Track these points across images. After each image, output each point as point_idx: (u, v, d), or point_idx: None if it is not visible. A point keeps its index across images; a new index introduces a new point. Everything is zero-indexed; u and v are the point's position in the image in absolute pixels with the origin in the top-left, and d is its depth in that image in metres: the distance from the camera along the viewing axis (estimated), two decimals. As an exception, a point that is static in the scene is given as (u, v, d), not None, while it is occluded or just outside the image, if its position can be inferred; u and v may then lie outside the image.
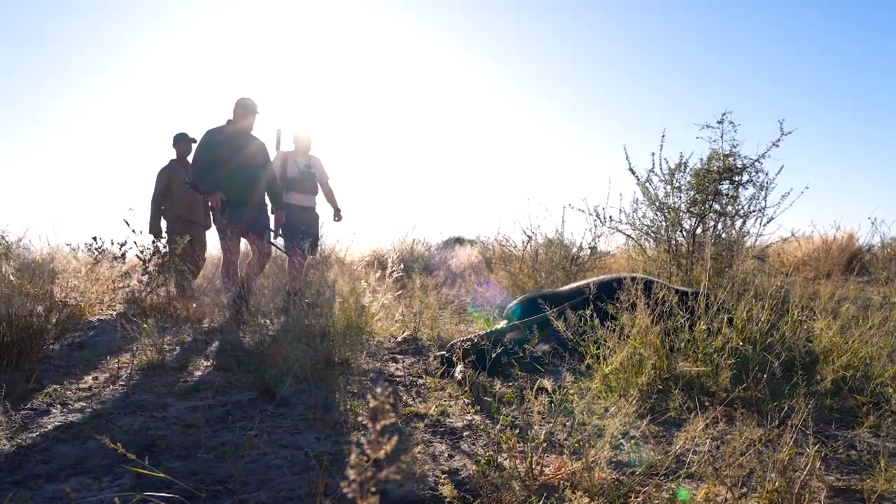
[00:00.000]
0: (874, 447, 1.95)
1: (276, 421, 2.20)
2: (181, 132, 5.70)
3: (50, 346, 3.14)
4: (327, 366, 2.85)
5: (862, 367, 2.51)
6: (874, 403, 2.31)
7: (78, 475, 1.72)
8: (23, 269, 3.10)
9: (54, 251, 5.31)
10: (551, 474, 1.68)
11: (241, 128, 4.52)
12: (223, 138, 4.47)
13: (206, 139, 4.45)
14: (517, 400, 2.40)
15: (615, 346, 2.45)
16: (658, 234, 4.87)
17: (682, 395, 2.33)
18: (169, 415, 2.26)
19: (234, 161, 4.44)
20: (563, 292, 3.26)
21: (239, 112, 4.55)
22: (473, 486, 1.68)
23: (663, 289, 2.61)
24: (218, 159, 4.38)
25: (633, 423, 2.12)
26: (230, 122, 4.57)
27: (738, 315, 2.55)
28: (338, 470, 1.76)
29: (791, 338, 2.63)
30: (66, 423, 2.15)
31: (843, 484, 1.69)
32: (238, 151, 4.48)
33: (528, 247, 5.62)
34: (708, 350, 2.42)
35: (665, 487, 1.64)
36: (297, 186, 5.35)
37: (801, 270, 6.66)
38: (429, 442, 2.03)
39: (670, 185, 4.70)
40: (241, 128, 4.52)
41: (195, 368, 2.96)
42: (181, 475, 1.72)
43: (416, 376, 2.88)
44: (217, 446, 1.95)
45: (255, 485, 1.67)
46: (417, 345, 3.61)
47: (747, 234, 4.64)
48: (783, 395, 2.32)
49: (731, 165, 4.51)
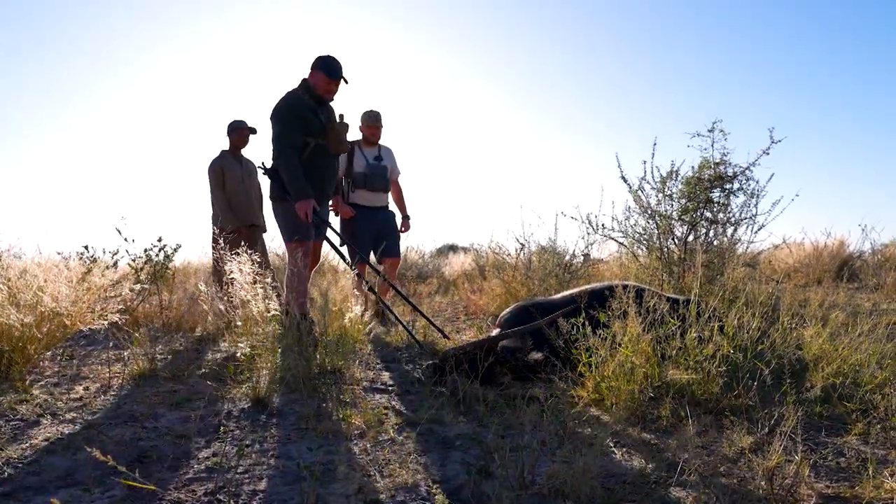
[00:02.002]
0: (863, 454, 1.97)
1: (268, 431, 2.20)
2: (238, 119, 4.93)
3: (40, 356, 3.12)
4: (320, 375, 2.84)
5: (851, 374, 2.53)
6: (863, 411, 2.33)
7: (68, 487, 1.71)
8: (13, 279, 3.08)
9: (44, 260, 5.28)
10: (543, 483, 1.69)
11: (325, 97, 3.53)
12: (307, 111, 3.44)
13: (293, 109, 3.40)
14: (509, 408, 2.40)
15: (607, 355, 2.46)
16: (650, 242, 4.90)
17: (674, 402, 2.34)
18: (160, 425, 2.25)
19: (320, 146, 3.50)
20: (556, 300, 3.28)
21: (319, 76, 3.46)
22: (465, 495, 1.68)
23: (655, 297, 2.63)
24: (302, 143, 3.42)
25: (625, 431, 2.13)
26: (306, 87, 3.49)
27: (729, 323, 2.57)
28: (330, 480, 1.75)
29: (781, 345, 2.65)
30: (57, 434, 2.14)
31: (832, 491, 1.70)
32: (325, 132, 3.49)
33: (522, 254, 5.64)
34: (699, 358, 2.44)
35: (656, 495, 1.64)
36: (366, 183, 4.44)
37: (792, 277, 6.71)
38: (421, 451, 2.03)
39: (662, 193, 4.74)
40: (325, 97, 3.53)
41: (187, 378, 2.95)
42: (173, 486, 1.71)
43: (408, 385, 2.88)
44: (209, 457, 1.94)
45: (246, 496, 1.66)
46: (410, 353, 3.61)
47: (738, 241, 4.68)
48: (773, 402, 2.33)
49: (722, 173, 4.55)
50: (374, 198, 4.53)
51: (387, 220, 4.65)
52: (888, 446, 2.05)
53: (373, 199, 4.53)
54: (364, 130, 4.57)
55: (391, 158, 4.68)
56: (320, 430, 2.18)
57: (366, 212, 4.51)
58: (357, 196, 4.49)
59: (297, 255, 3.35)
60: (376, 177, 4.47)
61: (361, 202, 4.51)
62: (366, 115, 4.56)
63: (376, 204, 4.56)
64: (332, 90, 3.53)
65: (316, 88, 3.48)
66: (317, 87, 3.47)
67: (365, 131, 4.57)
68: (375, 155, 4.52)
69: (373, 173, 4.46)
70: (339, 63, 3.50)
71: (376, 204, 4.56)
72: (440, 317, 5.23)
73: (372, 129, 4.54)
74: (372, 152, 4.53)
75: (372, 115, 4.55)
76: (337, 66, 3.48)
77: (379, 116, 4.58)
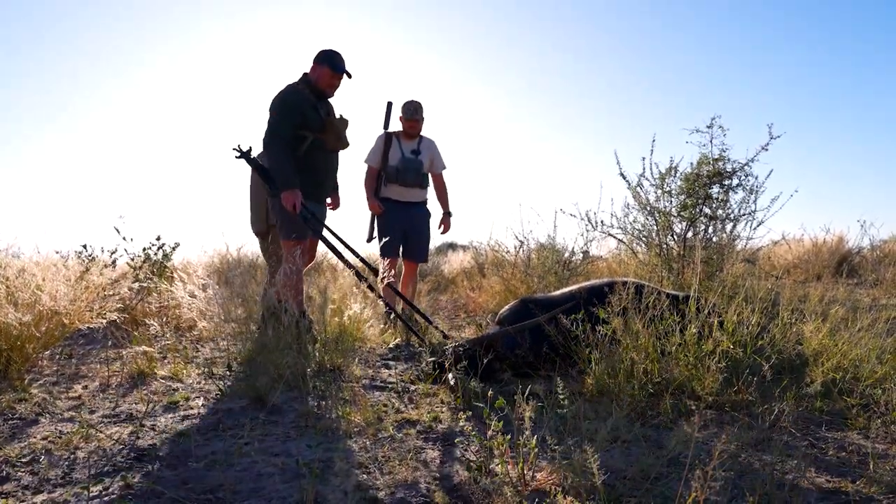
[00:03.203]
0: (863, 449, 1.97)
1: (267, 429, 2.19)
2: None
3: (38, 355, 3.11)
4: (319, 373, 2.84)
5: (851, 369, 2.53)
6: (863, 405, 2.33)
7: (67, 485, 1.71)
8: (12, 277, 3.07)
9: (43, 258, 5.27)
10: (543, 479, 1.68)
11: (326, 91, 3.52)
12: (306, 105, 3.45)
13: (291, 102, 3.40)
14: (509, 405, 2.40)
15: (606, 351, 2.46)
16: (649, 239, 4.89)
17: (673, 398, 2.34)
18: (159, 424, 2.25)
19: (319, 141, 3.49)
20: (555, 297, 3.27)
21: (323, 70, 3.46)
22: (465, 492, 1.67)
23: (654, 293, 2.62)
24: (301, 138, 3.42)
25: (625, 427, 2.13)
26: (307, 81, 3.51)
27: (728, 318, 2.56)
28: (329, 477, 1.75)
29: (781, 341, 2.64)
30: (55, 433, 2.13)
31: (833, 486, 1.70)
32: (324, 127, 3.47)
33: (521, 252, 5.63)
34: (699, 354, 2.44)
35: (657, 491, 1.64)
36: (398, 177, 4.23)
37: (792, 273, 6.71)
38: (421, 448, 2.02)
39: (661, 190, 4.73)
40: (327, 92, 3.52)
41: (186, 376, 2.94)
42: (171, 485, 1.71)
43: (408, 382, 2.88)
44: (208, 455, 1.94)
45: (245, 493, 1.66)
46: (409, 351, 3.60)
47: (738, 237, 4.68)
48: (773, 397, 2.33)
49: (721, 169, 4.54)
50: (406, 193, 4.29)
51: (418, 217, 4.39)
52: (889, 441, 2.05)
53: (405, 195, 4.29)
54: (403, 123, 4.33)
55: (432, 151, 4.40)
56: (320, 428, 2.18)
57: (397, 207, 4.29)
58: (389, 190, 4.29)
59: (295, 252, 3.34)
60: (409, 171, 4.23)
61: (394, 197, 4.30)
62: (405, 106, 4.29)
63: (409, 199, 4.31)
64: (336, 85, 3.52)
65: (318, 83, 3.47)
66: (320, 81, 3.47)
67: (404, 124, 4.32)
68: (413, 148, 4.28)
69: (405, 167, 4.22)
70: (342, 57, 3.50)
71: (409, 199, 4.31)
72: (440, 314, 5.23)
73: (411, 123, 4.29)
74: (410, 145, 4.30)
75: (411, 107, 4.28)
76: (341, 61, 3.48)
77: (419, 108, 4.29)
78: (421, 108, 4.31)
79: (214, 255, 6.38)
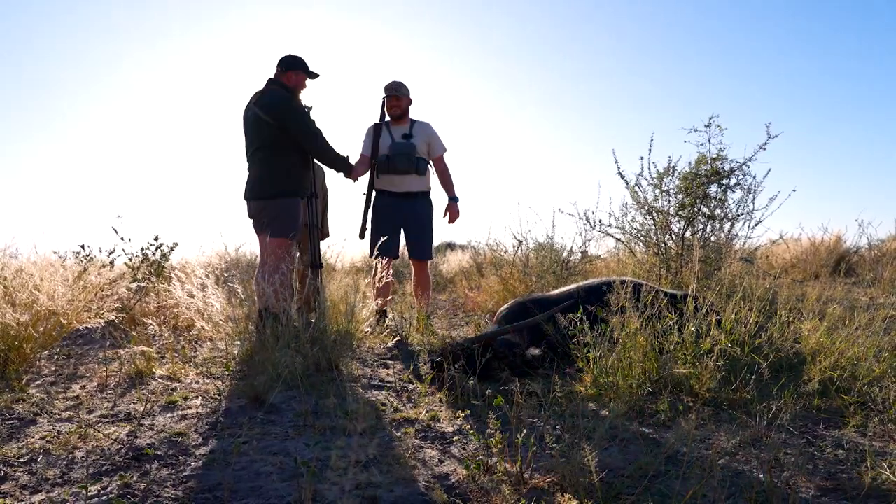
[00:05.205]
0: (861, 446, 1.97)
1: (265, 428, 2.19)
2: None
3: (36, 355, 3.11)
4: (318, 372, 2.84)
5: (849, 367, 2.54)
6: (861, 403, 2.33)
7: (65, 485, 1.71)
8: (9, 278, 3.07)
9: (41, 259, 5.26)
10: (541, 477, 1.69)
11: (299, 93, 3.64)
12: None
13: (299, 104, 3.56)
14: (507, 404, 2.40)
15: (604, 349, 2.46)
16: (647, 238, 4.90)
17: (672, 396, 2.34)
18: (157, 423, 2.25)
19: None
20: (553, 296, 3.27)
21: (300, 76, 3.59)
22: (463, 490, 1.68)
23: (652, 292, 2.63)
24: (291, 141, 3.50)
25: (623, 425, 2.13)
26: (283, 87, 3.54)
27: (726, 317, 2.57)
28: (327, 476, 1.75)
29: (779, 339, 2.65)
30: (53, 433, 2.13)
31: (831, 484, 1.71)
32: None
33: (519, 251, 5.63)
34: (697, 352, 2.44)
35: (655, 489, 1.64)
36: (390, 164, 3.87)
37: (790, 272, 6.72)
38: (419, 447, 2.02)
39: (659, 189, 4.74)
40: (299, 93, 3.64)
41: (184, 376, 2.94)
42: (170, 484, 1.71)
43: (406, 381, 2.88)
44: (206, 454, 1.94)
45: (244, 492, 1.66)
46: (408, 350, 3.60)
47: (736, 236, 4.69)
48: (771, 396, 2.33)
49: (719, 169, 4.55)
50: (400, 181, 3.92)
51: (416, 211, 4.01)
52: (886, 439, 2.05)
53: (400, 184, 3.93)
54: (386, 104, 4.01)
55: (428, 133, 4.04)
56: (318, 427, 2.18)
57: (392, 200, 3.96)
58: (382, 181, 3.95)
59: (292, 251, 3.36)
60: (400, 157, 3.85)
61: (388, 188, 3.96)
62: (386, 85, 4.00)
63: (405, 189, 3.94)
64: (305, 87, 3.70)
65: (298, 87, 3.61)
66: (299, 86, 3.61)
67: (387, 104, 4.00)
68: (404, 132, 3.94)
69: (395, 153, 3.86)
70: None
71: (405, 189, 3.94)
72: (438, 314, 5.23)
73: (392, 101, 3.97)
74: (400, 130, 3.96)
75: (392, 84, 3.98)
76: (308, 64, 3.65)
77: (400, 85, 3.98)
78: (403, 85, 4.01)
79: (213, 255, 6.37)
